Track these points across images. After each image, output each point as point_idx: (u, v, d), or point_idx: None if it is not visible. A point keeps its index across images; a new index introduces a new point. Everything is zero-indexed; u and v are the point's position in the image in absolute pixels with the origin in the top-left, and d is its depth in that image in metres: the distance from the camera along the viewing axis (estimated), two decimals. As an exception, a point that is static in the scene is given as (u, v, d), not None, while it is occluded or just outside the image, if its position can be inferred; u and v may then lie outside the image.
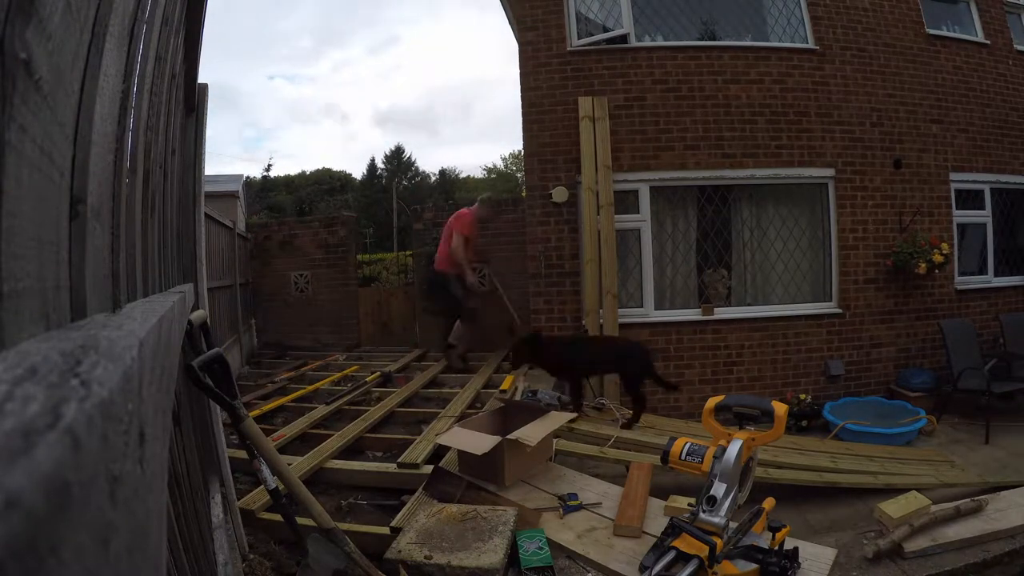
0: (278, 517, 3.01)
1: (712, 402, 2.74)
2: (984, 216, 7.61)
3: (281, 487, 2.76)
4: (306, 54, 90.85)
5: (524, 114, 6.95)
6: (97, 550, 0.31)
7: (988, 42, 7.69)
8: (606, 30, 7.11)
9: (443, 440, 3.65)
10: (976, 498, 3.23)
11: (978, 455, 5.34)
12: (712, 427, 2.68)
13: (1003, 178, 7.63)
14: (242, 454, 2.99)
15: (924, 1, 7.47)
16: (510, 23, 8.93)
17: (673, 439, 2.69)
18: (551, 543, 2.83)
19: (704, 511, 2.41)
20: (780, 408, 2.59)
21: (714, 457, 2.51)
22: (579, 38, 7.04)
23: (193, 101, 3.07)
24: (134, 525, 0.41)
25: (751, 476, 2.64)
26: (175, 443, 1.90)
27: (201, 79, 3.08)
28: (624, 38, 6.98)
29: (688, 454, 2.60)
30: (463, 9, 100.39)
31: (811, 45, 7.04)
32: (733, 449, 2.47)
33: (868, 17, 7.17)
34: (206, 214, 3.94)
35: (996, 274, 7.70)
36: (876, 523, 3.13)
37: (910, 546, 2.87)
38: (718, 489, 2.43)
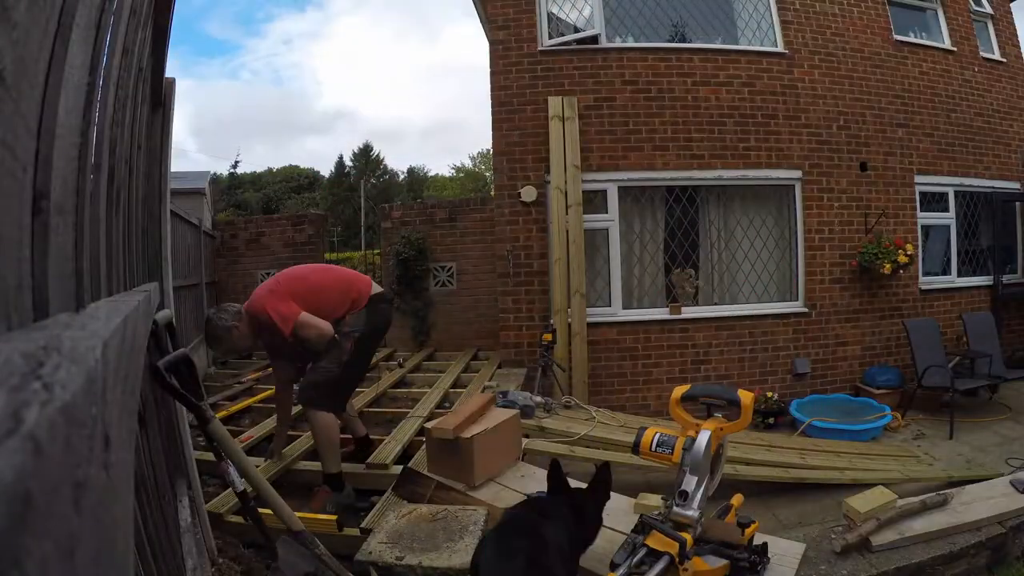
0: (247, 520, 2.97)
1: (679, 391, 2.75)
2: (948, 218, 7.81)
3: (249, 489, 2.72)
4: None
5: (493, 113, 6.95)
6: (62, 561, 0.30)
7: (955, 49, 7.89)
8: (577, 30, 7.14)
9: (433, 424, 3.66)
10: (941, 492, 3.30)
11: (942, 450, 5.47)
12: (680, 417, 2.69)
13: (967, 181, 7.85)
14: (209, 456, 2.94)
15: (892, 8, 7.65)
16: (481, 22, 8.92)
17: (643, 429, 2.71)
18: (522, 542, 2.83)
19: (677, 505, 2.44)
20: (747, 397, 2.62)
21: (684, 448, 2.52)
22: (550, 38, 7.06)
23: (160, 96, 3.01)
24: (100, 533, 0.40)
25: (721, 465, 2.67)
26: (141, 446, 1.86)
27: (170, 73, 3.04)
28: (595, 39, 7.02)
29: (659, 445, 2.61)
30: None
31: (780, 49, 7.14)
32: (702, 439, 2.50)
33: (837, 22, 7.30)
34: (172, 211, 3.86)
35: (959, 274, 7.94)
36: (844, 518, 3.17)
37: (877, 539, 2.93)
38: (689, 482, 2.46)
